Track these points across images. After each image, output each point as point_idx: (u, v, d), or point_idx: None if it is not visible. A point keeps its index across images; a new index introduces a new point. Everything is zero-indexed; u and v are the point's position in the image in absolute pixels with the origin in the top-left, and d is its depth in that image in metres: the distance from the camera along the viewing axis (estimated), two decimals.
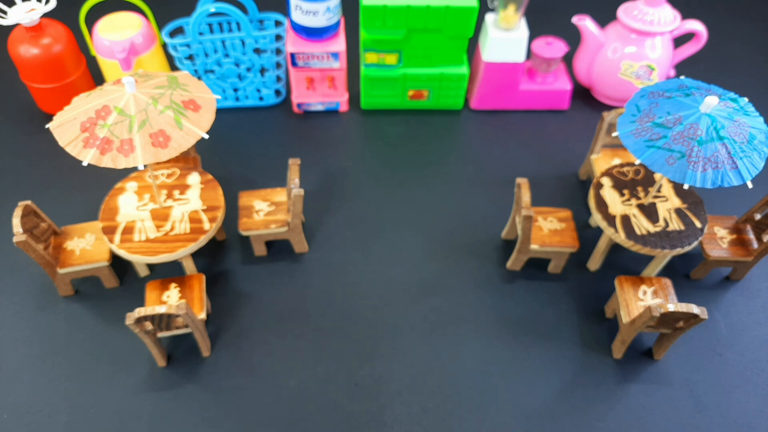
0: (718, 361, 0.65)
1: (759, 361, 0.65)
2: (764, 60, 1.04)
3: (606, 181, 0.71)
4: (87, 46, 0.95)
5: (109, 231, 0.64)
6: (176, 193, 0.68)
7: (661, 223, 0.67)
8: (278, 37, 0.83)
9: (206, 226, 0.65)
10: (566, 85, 0.89)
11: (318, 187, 0.80)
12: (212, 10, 0.77)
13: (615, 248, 0.75)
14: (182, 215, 0.66)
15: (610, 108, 0.92)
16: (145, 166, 0.54)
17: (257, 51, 0.84)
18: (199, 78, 0.85)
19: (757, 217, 0.70)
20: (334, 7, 0.79)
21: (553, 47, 0.86)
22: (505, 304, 0.69)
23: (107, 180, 0.73)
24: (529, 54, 0.88)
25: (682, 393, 0.63)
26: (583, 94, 0.95)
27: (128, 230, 0.65)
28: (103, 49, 0.81)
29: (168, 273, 0.70)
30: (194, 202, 0.67)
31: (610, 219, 0.67)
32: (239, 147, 0.85)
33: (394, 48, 0.82)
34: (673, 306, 0.56)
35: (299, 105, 0.89)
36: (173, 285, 0.65)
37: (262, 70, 0.87)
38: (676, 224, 0.67)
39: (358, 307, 0.68)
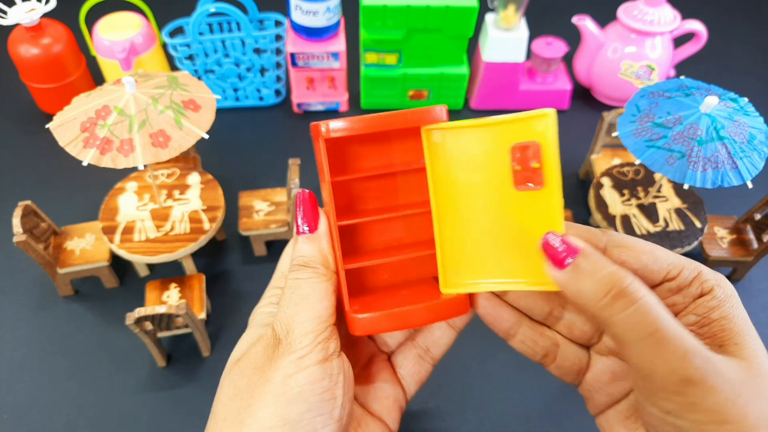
0: None
1: None
2: (764, 60, 1.04)
3: (606, 181, 0.71)
4: (87, 46, 0.95)
5: (109, 231, 0.64)
6: (176, 193, 0.68)
7: (661, 223, 0.67)
8: (278, 37, 0.83)
9: (206, 226, 0.65)
10: (566, 85, 0.89)
11: (318, 187, 0.80)
12: (212, 10, 0.77)
13: None
14: (182, 215, 0.66)
15: (610, 108, 0.92)
16: (145, 166, 0.54)
17: (257, 51, 0.84)
18: (199, 78, 0.85)
19: (757, 217, 0.70)
20: (334, 7, 0.79)
21: (553, 47, 0.86)
22: None
23: (107, 180, 0.73)
24: (529, 54, 0.88)
25: None
26: (583, 94, 0.95)
27: (128, 230, 0.65)
28: (103, 49, 0.81)
29: (168, 273, 0.70)
30: (194, 202, 0.67)
31: (610, 219, 0.67)
32: (239, 147, 0.85)
33: (394, 48, 0.82)
34: None
35: (299, 105, 0.89)
36: (173, 285, 0.65)
37: (262, 70, 0.87)
38: (676, 224, 0.67)
39: None
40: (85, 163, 0.53)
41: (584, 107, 0.93)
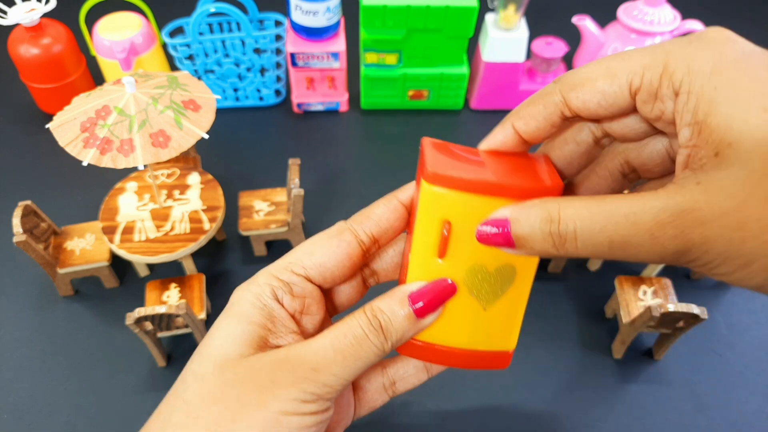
0: (718, 361, 0.65)
1: (759, 361, 0.65)
2: None
3: None
4: (87, 46, 0.95)
5: (109, 231, 0.64)
6: (176, 193, 0.68)
7: None
8: (278, 37, 0.83)
9: (206, 226, 0.65)
10: None
11: (318, 187, 0.80)
12: (212, 10, 0.77)
13: None
14: (182, 215, 0.66)
15: None
16: (145, 166, 0.54)
17: (257, 51, 0.84)
18: (199, 78, 0.85)
19: None
20: (334, 7, 0.79)
21: (553, 47, 0.86)
22: None
23: (107, 180, 0.73)
24: (529, 54, 0.88)
25: (682, 393, 0.63)
26: None
27: (128, 230, 0.65)
28: (103, 49, 0.81)
29: (168, 273, 0.70)
30: (194, 202, 0.67)
31: None
32: (239, 147, 0.85)
33: (394, 48, 0.82)
34: (673, 306, 0.56)
35: (299, 105, 0.89)
36: (173, 285, 0.65)
37: (262, 70, 0.87)
38: None
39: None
40: (85, 163, 0.53)
41: None
